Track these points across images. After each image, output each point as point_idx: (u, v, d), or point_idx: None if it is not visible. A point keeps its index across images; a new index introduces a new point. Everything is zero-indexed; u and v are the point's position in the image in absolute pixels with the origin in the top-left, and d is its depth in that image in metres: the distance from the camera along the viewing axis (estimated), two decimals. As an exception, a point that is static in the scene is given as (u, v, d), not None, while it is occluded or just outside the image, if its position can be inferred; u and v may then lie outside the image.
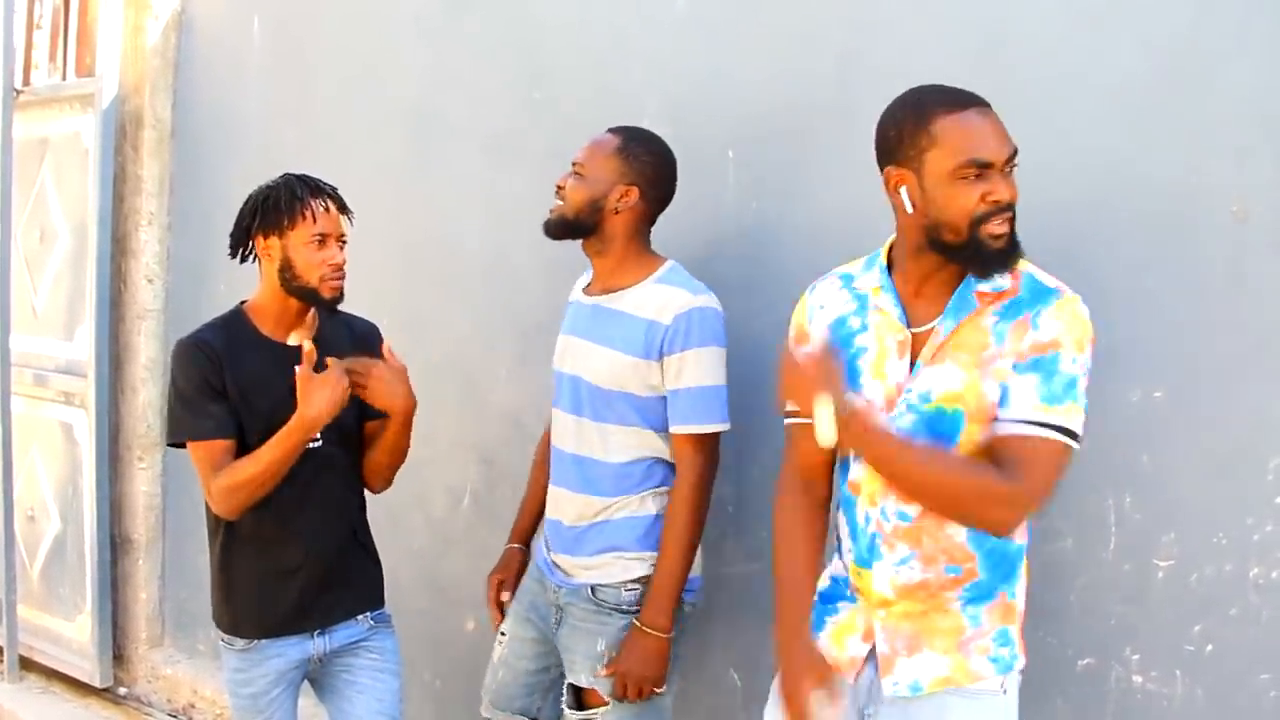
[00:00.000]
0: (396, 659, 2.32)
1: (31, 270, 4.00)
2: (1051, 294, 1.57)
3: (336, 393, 2.05)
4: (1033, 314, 1.56)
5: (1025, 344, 1.54)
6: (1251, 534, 1.73)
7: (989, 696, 1.64)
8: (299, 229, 2.10)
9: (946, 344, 1.60)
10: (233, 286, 3.18)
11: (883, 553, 1.66)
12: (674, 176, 2.15)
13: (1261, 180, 1.71)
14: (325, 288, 2.12)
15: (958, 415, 1.58)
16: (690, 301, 2.03)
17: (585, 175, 2.10)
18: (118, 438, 3.83)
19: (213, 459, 2.08)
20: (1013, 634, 1.66)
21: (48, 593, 4.01)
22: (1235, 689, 1.75)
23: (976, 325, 1.59)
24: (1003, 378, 1.56)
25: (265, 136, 3.43)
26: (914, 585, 1.65)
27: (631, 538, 2.08)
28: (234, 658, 2.22)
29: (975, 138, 1.54)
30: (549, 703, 2.25)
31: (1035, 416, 1.52)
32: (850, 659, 1.71)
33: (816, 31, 2.22)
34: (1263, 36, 1.72)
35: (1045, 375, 1.53)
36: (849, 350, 1.68)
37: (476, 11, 2.87)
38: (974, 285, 1.59)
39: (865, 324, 1.68)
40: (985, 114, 1.57)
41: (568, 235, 2.14)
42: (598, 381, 2.09)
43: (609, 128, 2.15)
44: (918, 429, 1.61)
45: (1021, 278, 1.60)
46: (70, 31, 3.97)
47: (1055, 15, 1.91)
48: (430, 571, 3.02)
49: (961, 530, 1.62)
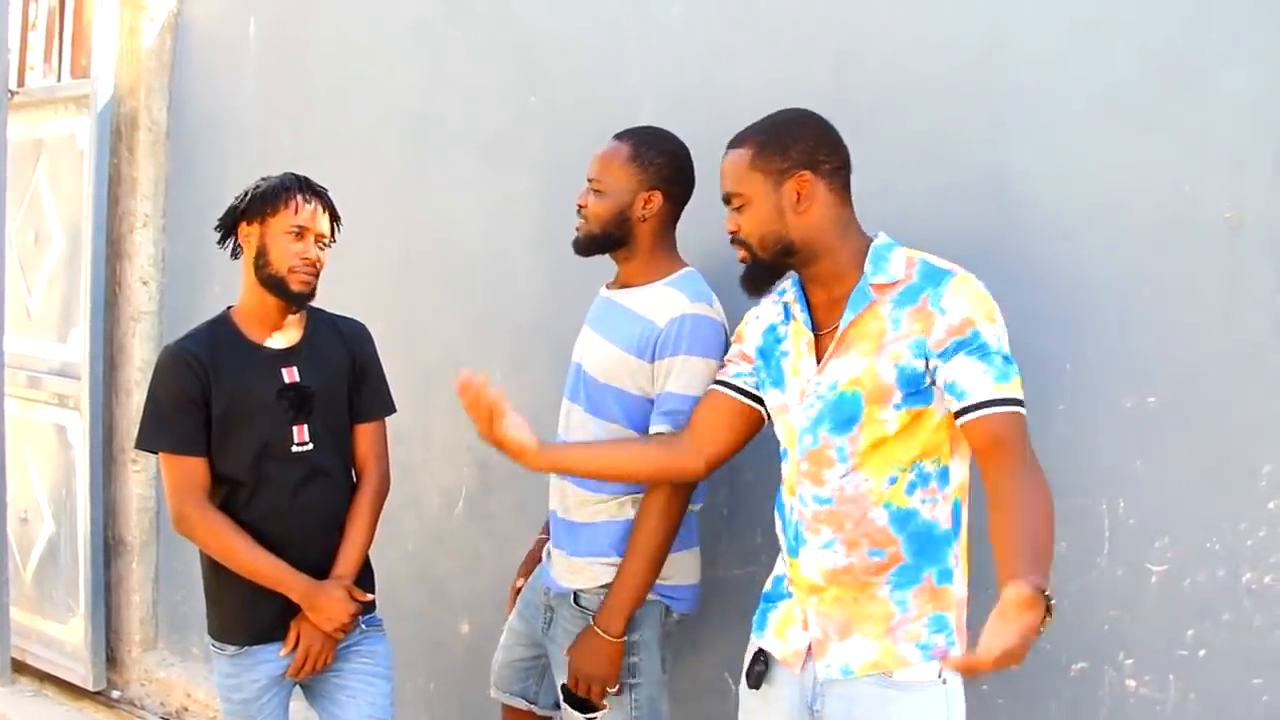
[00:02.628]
0: (388, 663, 2.31)
1: (26, 272, 3.99)
2: (945, 275, 1.67)
3: (338, 620, 2.16)
4: (930, 296, 1.65)
5: (940, 330, 1.63)
6: (1245, 539, 1.73)
7: (929, 687, 1.68)
8: (279, 216, 2.12)
9: (847, 335, 1.71)
10: (227, 289, 3.17)
11: (807, 538, 1.75)
12: (691, 168, 2.13)
13: (1256, 187, 1.72)
14: (294, 279, 2.13)
15: (857, 396, 1.69)
16: (686, 308, 2.01)
17: (605, 190, 2.08)
18: (111, 440, 3.83)
19: (183, 472, 2.12)
20: (950, 620, 1.69)
21: (40, 595, 4.00)
22: (1228, 694, 1.76)
23: (875, 314, 1.70)
24: (897, 359, 1.66)
25: (261, 139, 3.42)
26: (840, 570, 1.72)
27: (607, 543, 2.08)
28: (225, 663, 2.22)
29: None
30: (544, 687, 2.31)
31: (996, 395, 1.60)
32: (795, 651, 1.77)
33: (813, 36, 2.22)
34: (1257, 43, 1.72)
35: (982, 355, 1.61)
36: (776, 353, 1.83)
37: (473, 15, 2.87)
38: (869, 279, 1.71)
39: (787, 331, 1.83)
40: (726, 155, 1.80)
41: (598, 251, 2.13)
42: (595, 373, 2.09)
43: (615, 134, 2.13)
44: (823, 414, 1.72)
45: (916, 264, 1.70)
46: (65, 33, 3.97)
47: (1050, 22, 1.92)
48: (424, 574, 3.02)
49: (883, 514, 1.69)
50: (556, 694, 2.24)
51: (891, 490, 1.69)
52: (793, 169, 1.73)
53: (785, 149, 1.74)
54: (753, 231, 1.76)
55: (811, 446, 1.74)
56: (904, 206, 2.03)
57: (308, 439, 2.18)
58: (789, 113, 1.81)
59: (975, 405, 1.61)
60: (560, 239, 2.20)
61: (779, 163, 1.74)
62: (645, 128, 2.16)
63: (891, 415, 1.67)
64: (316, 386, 2.20)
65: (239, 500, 2.16)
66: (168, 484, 2.15)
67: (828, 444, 1.72)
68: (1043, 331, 1.89)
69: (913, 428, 1.68)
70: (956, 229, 1.99)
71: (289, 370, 2.19)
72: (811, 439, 1.74)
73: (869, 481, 1.69)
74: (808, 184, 1.73)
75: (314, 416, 2.19)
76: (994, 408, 1.60)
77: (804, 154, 1.74)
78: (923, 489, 1.70)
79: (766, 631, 1.84)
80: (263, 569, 2.12)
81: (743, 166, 1.75)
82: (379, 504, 2.31)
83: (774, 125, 1.78)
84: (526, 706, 2.32)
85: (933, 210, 2.03)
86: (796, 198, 1.73)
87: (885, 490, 1.69)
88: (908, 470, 1.69)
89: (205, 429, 2.12)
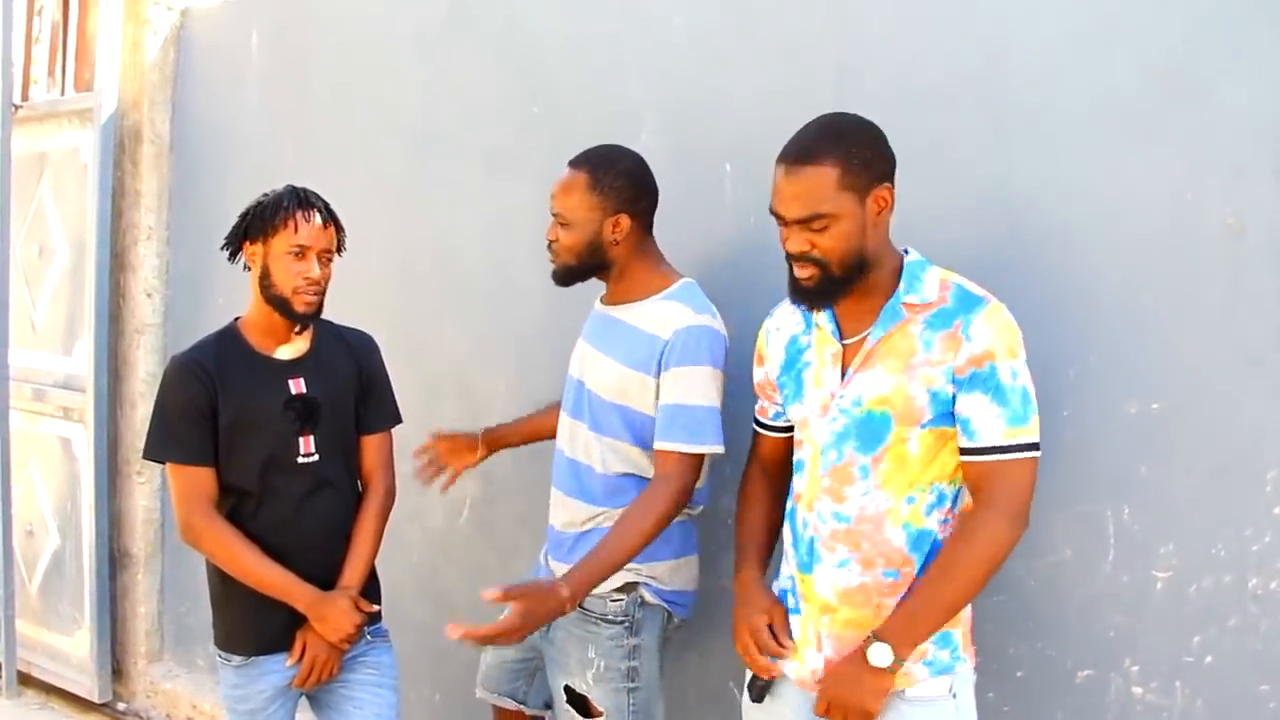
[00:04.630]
0: (394, 673, 2.32)
1: (30, 285, 4.00)
2: (979, 302, 1.66)
3: (344, 630, 2.16)
4: (962, 322, 1.64)
5: (961, 358, 1.63)
6: (1250, 545, 1.73)
7: (940, 702, 1.68)
8: (280, 237, 2.11)
9: (875, 350, 1.69)
10: (231, 300, 3.19)
11: (822, 556, 1.73)
12: (651, 180, 2.13)
13: (1258, 194, 1.72)
14: (298, 300, 2.13)
15: (886, 417, 1.67)
16: (691, 319, 2.01)
17: (570, 222, 2.09)
18: (116, 452, 3.83)
19: (190, 482, 2.12)
20: (955, 637, 1.70)
21: (46, 608, 4.00)
22: (1235, 700, 1.76)
23: (905, 333, 1.68)
24: (930, 383, 1.65)
25: (264, 151, 3.43)
26: (854, 589, 1.71)
27: None
28: (231, 674, 2.22)
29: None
30: (534, 689, 2.32)
31: (1007, 442, 1.62)
32: (812, 671, 1.75)
33: (814, 46, 2.23)
34: (1258, 52, 1.73)
35: (996, 394, 1.62)
36: (799, 364, 1.81)
37: (475, 26, 2.88)
38: (902, 297, 1.69)
39: (810, 341, 1.80)
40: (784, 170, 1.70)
41: (579, 280, 2.14)
42: (600, 391, 2.09)
43: (569, 161, 2.13)
44: (849, 430, 1.70)
45: (950, 288, 1.69)
46: (69, 46, 3.99)
47: (1051, 32, 1.92)
48: (428, 585, 3.02)
49: (900, 534, 1.69)
50: (546, 695, 2.25)
51: (910, 511, 1.69)
52: (876, 182, 1.67)
53: (867, 163, 1.66)
54: (834, 249, 1.66)
55: (836, 463, 1.72)
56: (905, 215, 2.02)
57: (314, 450, 2.19)
58: (848, 120, 1.72)
59: (979, 450, 1.63)
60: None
61: (865, 178, 1.66)
62: (597, 150, 2.15)
63: (915, 435, 1.67)
64: (323, 398, 2.21)
65: (245, 511, 2.16)
66: (175, 494, 2.15)
67: (852, 461, 1.70)
68: (1046, 338, 1.89)
69: (934, 449, 1.68)
70: (959, 237, 2.00)
71: (296, 381, 2.19)
72: (836, 455, 1.72)
73: (889, 501, 1.69)
74: (888, 196, 1.69)
75: (320, 428, 2.20)
76: (995, 455, 1.62)
77: (881, 166, 1.69)
78: (939, 510, 1.70)
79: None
80: (269, 579, 2.12)
81: (829, 185, 1.64)
82: (385, 515, 2.32)
83: (850, 138, 1.67)
84: (516, 706, 2.34)
85: (934, 219, 2.03)
86: (879, 211, 1.68)
87: (904, 511, 1.69)
88: (927, 491, 1.69)
89: (212, 439, 2.13)
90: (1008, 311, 1.67)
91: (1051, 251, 1.91)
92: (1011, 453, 1.62)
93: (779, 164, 1.71)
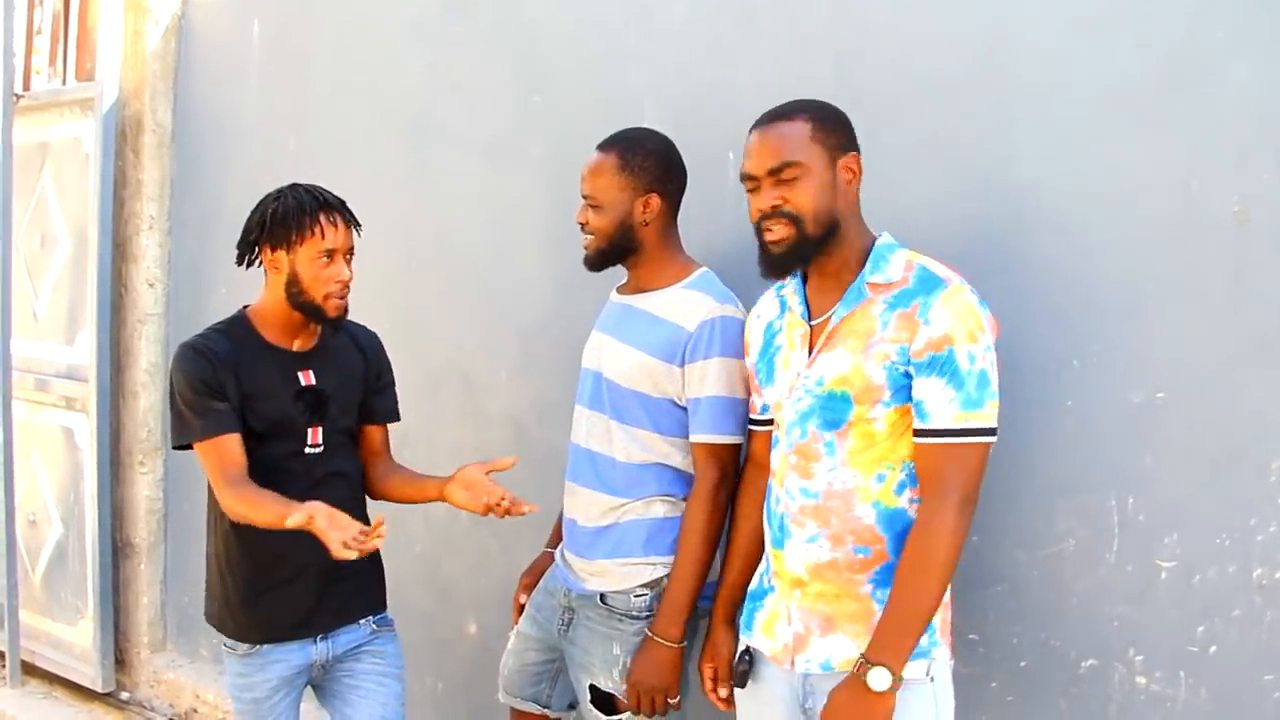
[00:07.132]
0: (399, 663, 2.32)
1: (32, 275, 4.00)
2: (939, 284, 1.66)
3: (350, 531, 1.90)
4: (921, 304, 1.64)
5: (920, 342, 1.63)
6: (1255, 535, 1.73)
7: (917, 685, 1.68)
8: (307, 244, 2.08)
9: (838, 330, 1.72)
10: (233, 290, 3.18)
11: (792, 531, 1.75)
12: (680, 160, 2.13)
13: (1262, 182, 1.71)
14: (330, 305, 2.12)
15: (845, 397, 1.69)
16: (716, 309, 2.01)
17: (601, 203, 2.08)
18: (119, 442, 3.83)
19: (221, 455, 2.06)
20: (934, 620, 1.68)
21: (49, 598, 4.01)
22: (1239, 690, 1.75)
23: (866, 313, 1.70)
24: (885, 359, 1.66)
25: (265, 141, 3.43)
26: (824, 564, 1.72)
27: (637, 542, 2.07)
28: (236, 663, 2.22)
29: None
30: (557, 691, 2.29)
31: (957, 425, 1.62)
32: (783, 646, 1.77)
33: (815, 35, 2.22)
34: (1262, 39, 1.72)
35: (952, 378, 1.61)
36: (771, 349, 1.83)
37: (475, 16, 2.87)
38: (866, 277, 1.71)
39: (782, 324, 1.83)
40: (757, 131, 1.75)
41: (610, 264, 2.13)
42: (618, 379, 2.09)
43: (598, 144, 2.13)
44: (812, 409, 1.72)
45: (914, 268, 1.70)
46: (70, 36, 3.98)
47: (1053, 19, 1.91)
48: (431, 576, 3.02)
49: (870, 511, 1.70)
50: (570, 697, 2.23)
51: (881, 489, 1.70)
52: (848, 147, 1.74)
53: (840, 126, 1.74)
54: (806, 205, 1.70)
55: (800, 440, 1.75)
56: (908, 204, 2.02)
57: (320, 441, 2.18)
58: (816, 100, 1.80)
59: (929, 431, 1.63)
60: (564, 240, 2.20)
61: (838, 139, 1.73)
62: (625, 132, 2.15)
63: (881, 413, 1.68)
64: (331, 390, 2.20)
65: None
66: (210, 475, 2.08)
67: (816, 438, 1.72)
68: (1050, 328, 1.88)
69: (900, 426, 1.68)
70: (961, 226, 1.99)
71: (305, 373, 2.18)
72: (800, 432, 1.74)
73: (857, 478, 1.70)
74: (856, 168, 1.74)
75: (328, 419, 2.20)
76: (946, 438, 1.62)
77: (851, 136, 1.76)
78: (911, 489, 1.70)
79: (754, 629, 1.84)
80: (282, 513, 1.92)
81: (803, 137, 1.71)
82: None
83: (821, 105, 1.77)
84: (540, 711, 2.30)
85: (937, 208, 2.02)
86: (850, 176, 1.73)
87: (874, 489, 1.70)
88: (897, 469, 1.70)
89: (234, 410, 2.08)
90: (971, 293, 1.67)
91: (1055, 240, 1.91)
92: (962, 436, 1.61)
93: (751, 131, 1.77)
